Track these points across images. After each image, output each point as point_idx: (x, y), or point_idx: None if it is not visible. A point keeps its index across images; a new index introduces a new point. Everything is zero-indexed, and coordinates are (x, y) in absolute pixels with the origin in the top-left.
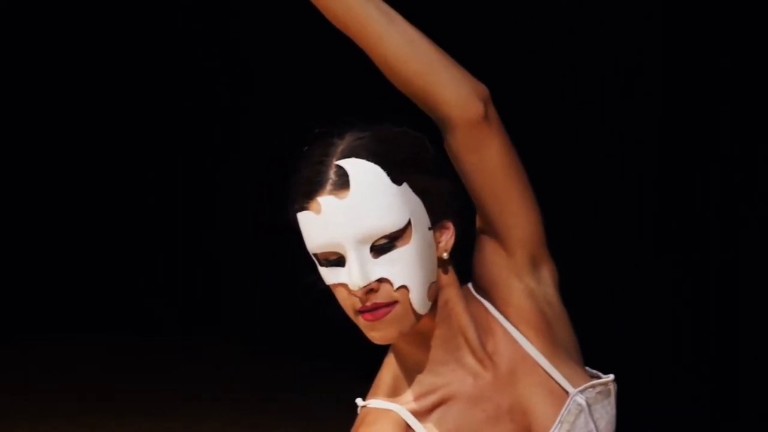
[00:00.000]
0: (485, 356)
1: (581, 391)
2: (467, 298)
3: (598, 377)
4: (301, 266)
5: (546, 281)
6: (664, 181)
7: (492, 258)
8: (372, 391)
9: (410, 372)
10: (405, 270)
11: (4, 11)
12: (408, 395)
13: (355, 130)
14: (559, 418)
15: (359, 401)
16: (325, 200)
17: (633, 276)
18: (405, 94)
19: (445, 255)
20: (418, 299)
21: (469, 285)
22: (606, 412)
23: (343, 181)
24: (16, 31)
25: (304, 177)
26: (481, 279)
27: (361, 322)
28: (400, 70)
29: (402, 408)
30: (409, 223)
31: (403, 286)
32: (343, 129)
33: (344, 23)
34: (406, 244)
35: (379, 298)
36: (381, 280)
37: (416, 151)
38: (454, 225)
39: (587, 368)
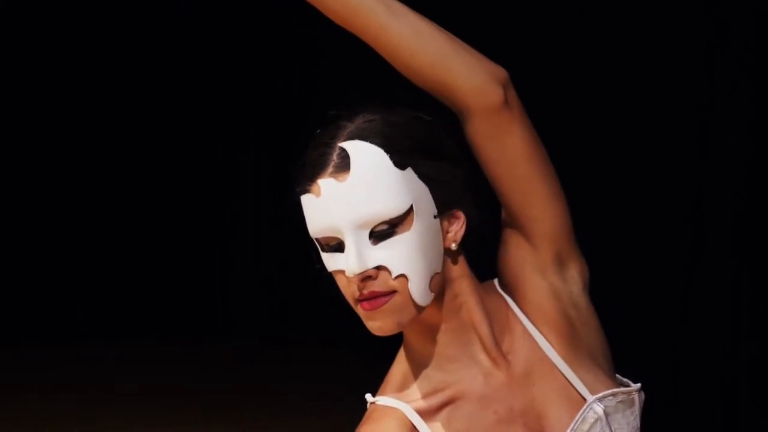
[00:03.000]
0: (499, 355)
1: (600, 399)
2: (487, 292)
3: (628, 386)
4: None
5: (573, 281)
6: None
7: (515, 252)
8: (382, 386)
9: (420, 368)
10: (405, 258)
11: (4, 11)
12: (416, 392)
13: (367, 113)
14: (571, 426)
15: (368, 397)
16: (325, 183)
17: (675, 278)
18: (421, 88)
19: (453, 246)
20: (417, 289)
21: (495, 281)
22: (627, 422)
23: (344, 164)
24: (16, 31)
25: (309, 159)
26: (505, 274)
27: (360, 311)
28: (409, 63)
29: (408, 407)
30: (410, 209)
31: (402, 275)
32: (355, 112)
33: (343, 19)
34: (406, 231)
35: (376, 286)
36: (379, 268)
37: (426, 137)
38: (467, 215)
39: (619, 377)
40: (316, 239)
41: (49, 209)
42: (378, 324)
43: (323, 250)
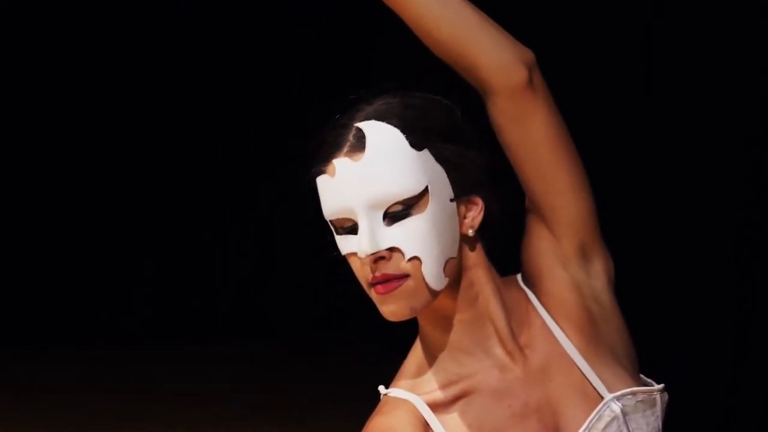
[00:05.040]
0: (515, 348)
1: (618, 398)
2: (507, 285)
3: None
4: None
5: (597, 275)
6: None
7: (538, 243)
8: (396, 378)
9: (434, 359)
10: (418, 240)
11: (4, 11)
12: (430, 384)
13: (387, 96)
14: (586, 424)
15: (381, 389)
16: (340, 162)
17: (725, 278)
18: (444, 62)
19: (470, 232)
20: (431, 273)
21: (518, 276)
22: (647, 423)
23: (360, 144)
24: (16, 31)
25: (325, 140)
26: (527, 266)
27: (373, 295)
28: (434, 33)
29: (419, 399)
30: (425, 191)
31: (415, 257)
32: (375, 95)
33: None
34: (421, 213)
35: (389, 268)
36: (392, 250)
37: (445, 120)
38: (485, 202)
39: (643, 377)
40: (331, 222)
41: (61, 211)
42: (391, 308)
43: (337, 233)
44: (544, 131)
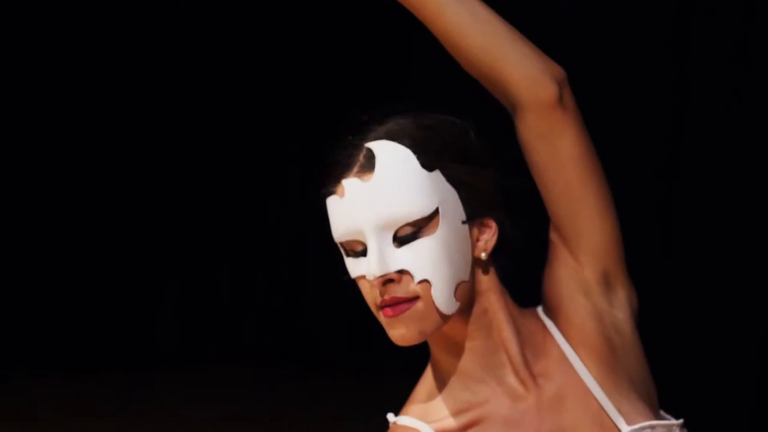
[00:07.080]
0: (529, 377)
1: (635, 431)
2: (523, 314)
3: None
4: None
5: (620, 305)
6: None
7: (561, 270)
8: (406, 405)
9: (445, 387)
10: (428, 263)
11: (4, 11)
12: (440, 412)
13: (399, 116)
14: None
15: (390, 416)
16: (350, 183)
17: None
18: (472, 76)
19: (483, 255)
20: (441, 297)
21: (539, 308)
22: None
23: (370, 164)
24: (16, 31)
25: (336, 161)
26: (548, 294)
27: (382, 319)
28: (462, 45)
29: (428, 428)
30: (436, 212)
31: (425, 280)
32: (386, 115)
33: None
34: (431, 235)
35: (399, 291)
36: (402, 272)
37: (458, 141)
38: (499, 225)
39: (663, 413)
40: (340, 244)
41: (84, 234)
42: (400, 332)
43: (347, 255)
44: (572, 150)
